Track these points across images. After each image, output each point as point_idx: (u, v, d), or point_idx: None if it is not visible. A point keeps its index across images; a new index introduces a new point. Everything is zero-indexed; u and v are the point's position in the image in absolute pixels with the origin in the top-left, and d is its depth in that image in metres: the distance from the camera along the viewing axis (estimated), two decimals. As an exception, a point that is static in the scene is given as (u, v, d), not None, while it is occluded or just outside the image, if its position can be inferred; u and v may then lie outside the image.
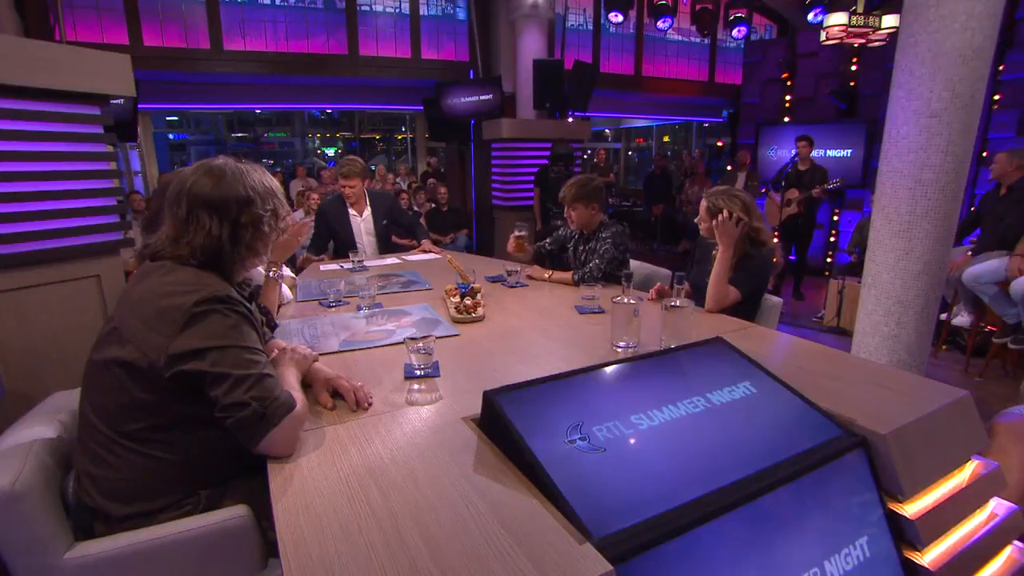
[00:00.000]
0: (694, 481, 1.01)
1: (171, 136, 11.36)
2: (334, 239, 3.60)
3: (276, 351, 1.39)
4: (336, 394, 1.33)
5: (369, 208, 3.63)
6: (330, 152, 13.01)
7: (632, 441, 1.07)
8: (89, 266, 2.46)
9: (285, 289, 2.27)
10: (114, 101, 2.87)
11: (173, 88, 7.16)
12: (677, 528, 0.91)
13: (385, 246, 3.68)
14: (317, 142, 13.09)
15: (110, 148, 2.62)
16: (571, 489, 0.93)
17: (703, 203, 2.22)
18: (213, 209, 1.19)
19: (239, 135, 12.16)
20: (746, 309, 2.20)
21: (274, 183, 1.32)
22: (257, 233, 1.25)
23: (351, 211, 3.58)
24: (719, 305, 2.10)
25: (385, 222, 3.66)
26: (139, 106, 5.83)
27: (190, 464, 1.18)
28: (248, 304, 1.23)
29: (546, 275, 2.69)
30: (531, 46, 6.94)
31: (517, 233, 2.71)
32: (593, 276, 2.50)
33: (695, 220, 2.34)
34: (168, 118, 10.82)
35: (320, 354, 1.64)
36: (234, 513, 1.15)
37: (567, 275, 2.62)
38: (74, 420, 1.36)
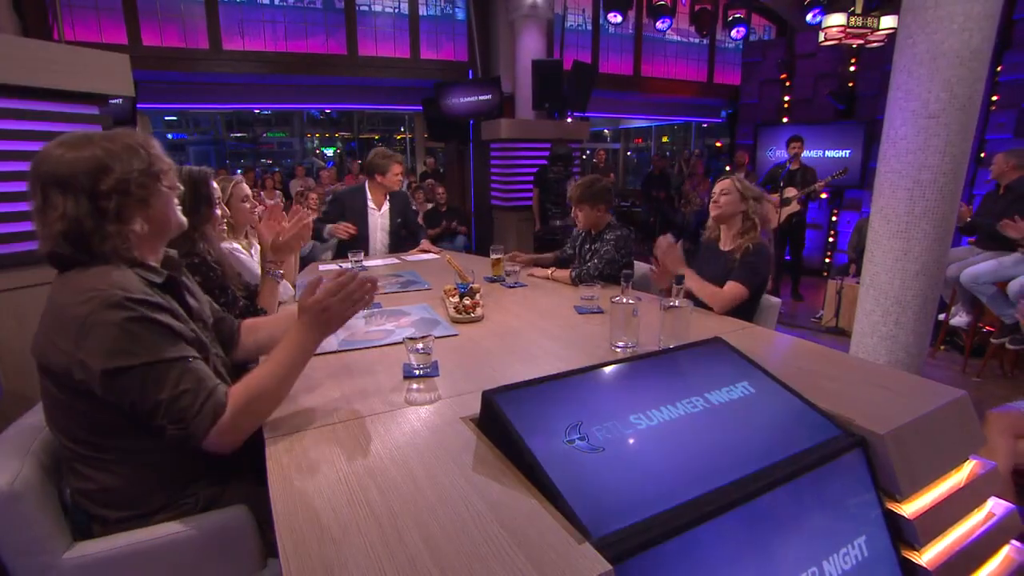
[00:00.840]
0: (693, 481, 1.01)
1: (170, 136, 11.35)
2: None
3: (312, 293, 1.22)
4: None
5: (388, 204, 3.55)
6: (329, 152, 13.01)
7: (631, 441, 1.08)
8: (88, 266, 2.46)
9: (287, 286, 2.26)
10: (113, 101, 2.87)
11: (172, 88, 7.15)
12: (676, 528, 0.91)
13: (396, 245, 3.60)
14: (316, 142, 13.09)
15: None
16: (570, 489, 0.93)
17: (726, 183, 2.28)
18: (63, 185, 1.03)
19: (238, 135, 12.15)
20: (746, 307, 2.20)
21: (150, 141, 1.14)
22: (127, 199, 1.07)
23: (371, 204, 3.48)
24: (724, 305, 2.09)
25: (399, 220, 3.60)
26: (138, 106, 5.83)
27: (164, 465, 1.14)
28: (170, 292, 1.14)
29: (548, 272, 2.72)
30: (530, 46, 6.95)
31: (493, 256, 2.72)
32: (589, 275, 2.51)
33: (710, 202, 2.36)
34: (167, 118, 10.81)
35: (319, 353, 1.65)
36: (233, 513, 1.15)
37: (567, 273, 2.63)
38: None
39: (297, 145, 12.71)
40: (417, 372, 1.46)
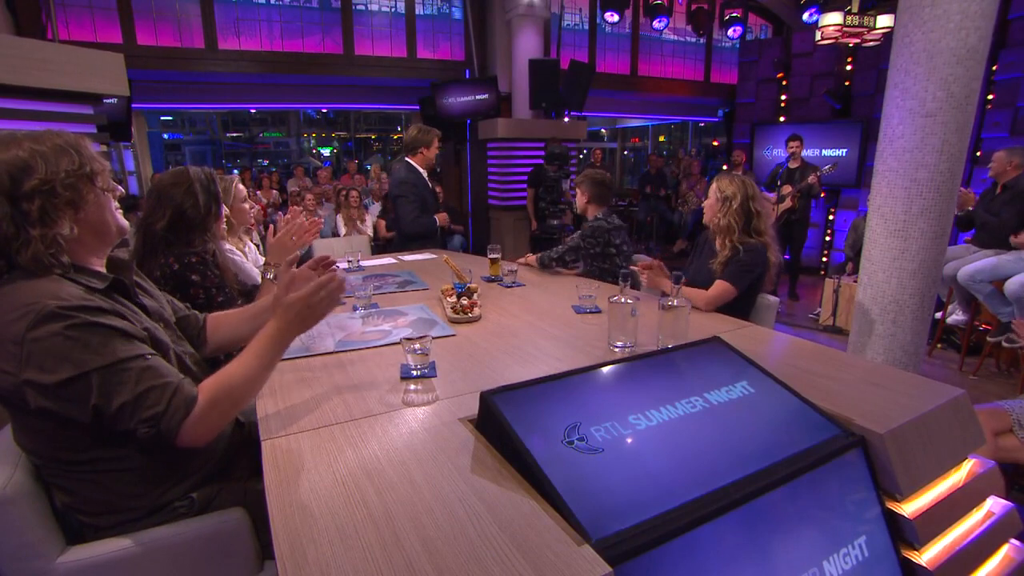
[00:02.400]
0: (692, 482, 1.00)
1: (166, 136, 11.31)
2: (427, 213, 3.58)
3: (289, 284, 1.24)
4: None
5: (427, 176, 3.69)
6: (325, 152, 12.99)
7: (630, 441, 1.07)
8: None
9: None
10: (107, 100, 2.85)
11: (167, 87, 7.11)
12: (676, 529, 0.91)
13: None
14: (312, 141, 13.07)
15: (104, 148, 2.60)
16: (569, 490, 0.93)
17: (712, 185, 2.31)
18: None
19: (234, 135, 12.12)
20: (741, 305, 2.20)
21: (80, 142, 1.09)
22: (53, 201, 1.00)
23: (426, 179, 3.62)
24: (709, 302, 2.14)
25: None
26: (133, 105, 5.80)
27: (143, 469, 1.12)
28: (118, 295, 1.10)
29: (527, 258, 2.97)
30: (527, 46, 6.93)
31: (490, 256, 2.73)
32: (549, 258, 2.78)
33: (702, 205, 2.39)
34: (163, 118, 10.78)
35: (316, 354, 1.64)
36: (229, 516, 1.14)
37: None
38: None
39: (293, 145, 12.68)
40: (415, 373, 1.45)
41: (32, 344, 0.94)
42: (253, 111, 11.37)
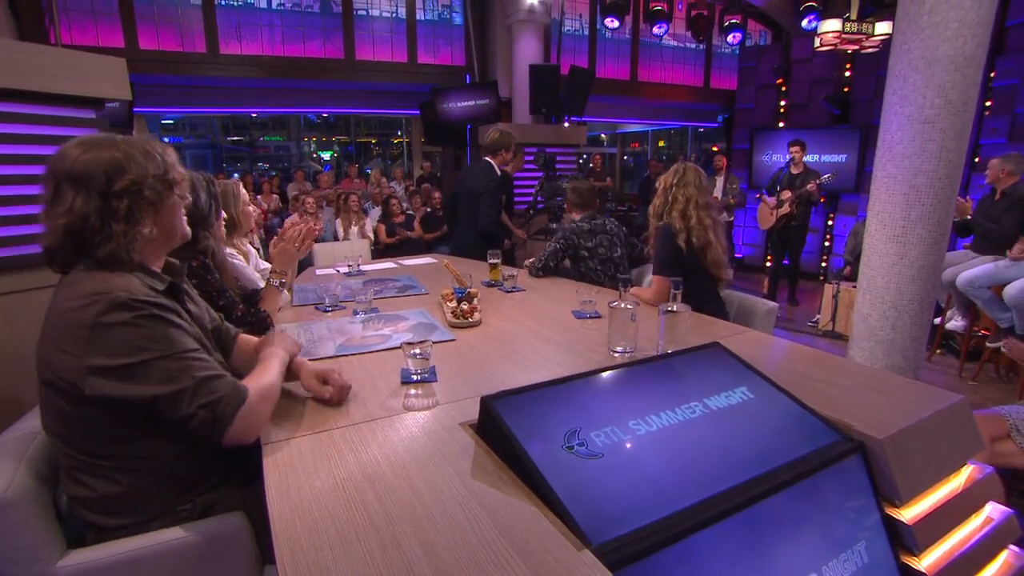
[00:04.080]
0: (692, 487, 1.01)
1: (167, 140, 11.33)
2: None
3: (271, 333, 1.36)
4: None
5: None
6: (325, 156, 13.01)
7: (630, 447, 1.07)
8: (83, 270, 2.45)
9: (284, 292, 2.26)
10: (110, 104, 2.86)
11: (169, 92, 7.14)
12: (675, 534, 0.91)
13: None
14: (313, 146, 13.08)
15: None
16: (569, 496, 0.93)
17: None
18: (78, 182, 1.04)
19: (235, 139, 12.14)
20: (697, 292, 2.23)
21: (167, 151, 1.18)
22: (139, 201, 1.08)
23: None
24: (652, 300, 2.27)
25: None
26: (134, 110, 5.82)
27: (167, 471, 1.15)
28: (173, 297, 1.15)
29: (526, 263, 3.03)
30: (527, 51, 6.97)
31: (491, 261, 2.74)
32: (535, 267, 2.85)
33: None
34: (163, 122, 10.79)
35: (316, 359, 1.64)
36: (229, 520, 1.14)
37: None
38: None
39: (294, 149, 12.70)
40: (415, 377, 1.45)
41: (101, 329, 0.99)
42: (254, 115, 11.39)
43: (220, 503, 1.19)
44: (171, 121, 11.15)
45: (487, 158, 3.68)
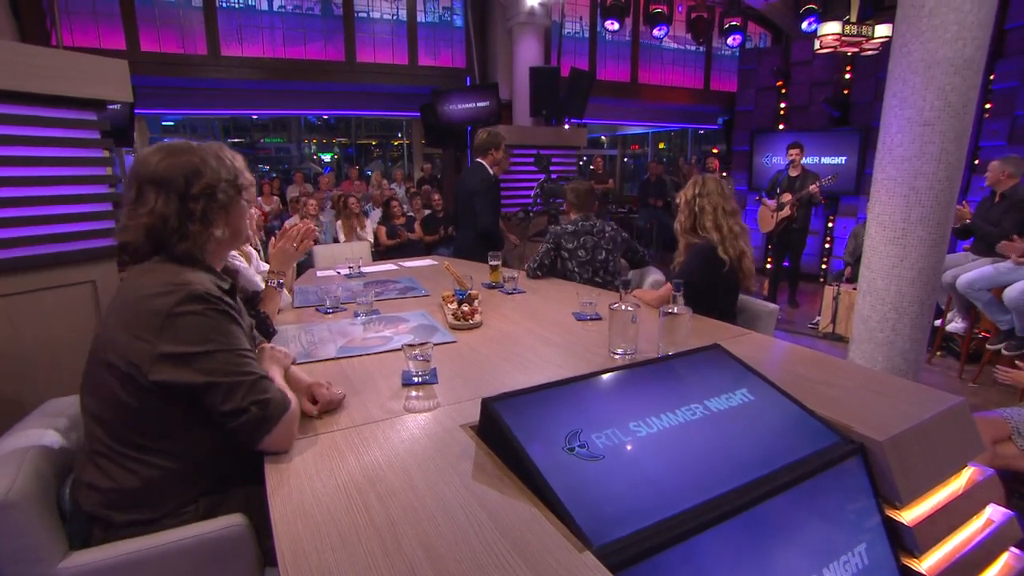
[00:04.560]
0: (693, 489, 1.01)
1: (166, 141, 11.34)
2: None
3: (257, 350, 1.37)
4: (315, 401, 1.31)
5: None
6: (326, 158, 13.02)
7: (631, 448, 1.07)
8: (84, 272, 2.45)
9: (284, 293, 2.26)
10: (111, 106, 2.87)
11: (170, 93, 7.16)
12: (676, 536, 0.91)
13: None
14: (313, 147, 13.10)
15: (106, 153, 2.62)
16: (570, 497, 0.93)
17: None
18: (159, 185, 1.13)
19: (235, 140, 12.14)
20: (719, 308, 2.20)
21: (236, 157, 1.26)
22: (212, 204, 1.17)
23: None
24: (652, 301, 2.28)
25: None
26: (135, 111, 5.83)
27: (190, 470, 1.17)
28: (231, 299, 1.20)
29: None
30: (528, 53, 6.98)
31: (491, 263, 2.74)
32: (531, 268, 2.89)
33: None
34: (164, 123, 10.80)
35: (317, 360, 1.65)
36: (231, 522, 1.14)
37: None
38: (70, 426, 1.36)
39: (294, 151, 12.71)
40: (416, 379, 1.45)
41: (175, 318, 1.06)
42: (255, 117, 11.41)
43: (222, 505, 1.19)
44: (171, 123, 11.16)
45: (478, 159, 3.71)
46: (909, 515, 1.14)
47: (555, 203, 5.43)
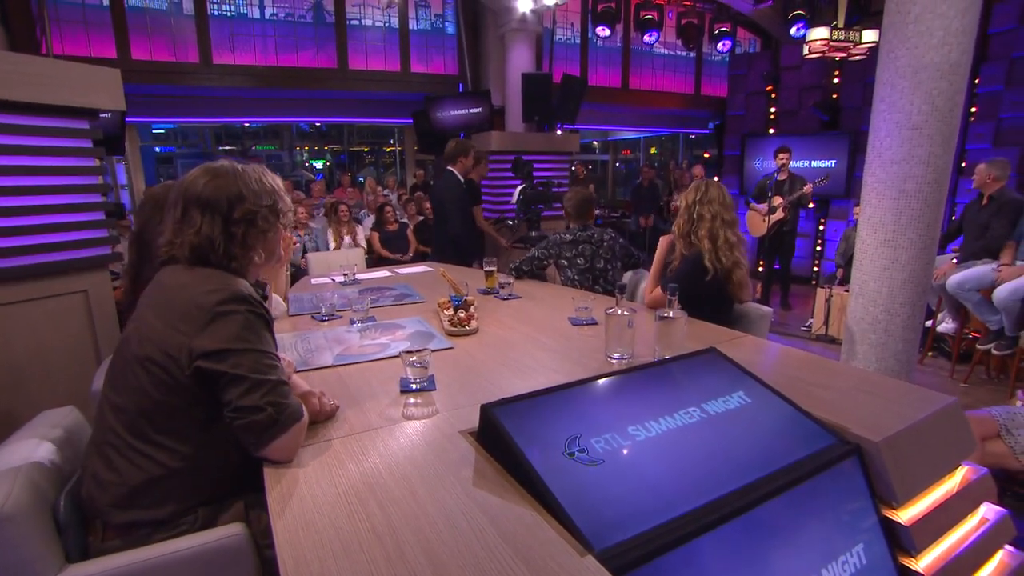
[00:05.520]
0: (692, 492, 1.02)
1: (158, 149, 11.28)
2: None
3: None
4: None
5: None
6: (318, 165, 12.99)
7: (630, 453, 1.08)
8: (76, 281, 2.43)
9: (278, 301, 2.25)
10: (102, 115, 2.85)
11: (162, 102, 7.13)
12: (677, 539, 0.92)
13: None
14: (305, 155, 13.06)
15: (98, 162, 2.61)
16: (571, 502, 0.94)
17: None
18: (204, 207, 1.19)
19: (227, 148, 12.09)
20: (711, 316, 2.19)
21: (276, 182, 1.32)
22: (252, 229, 1.23)
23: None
24: (649, 305, 2.33)
25: None
26: (126, 119, 5.80)
27: (194, 473, 1.17)
28: (264, 306, 1.23)
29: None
30: (520, 59, 7.01)
31: (486, 268, 2.75)
32: (519, 269, 2.95)
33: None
34: (155, 131, 10.74)
35: (314, 368, 1.64)
36: (230, 532, 1.13)
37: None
38: (65, 439, 1.35)
39: (286, 158, 12.67)
40: (414, 386, 1.45)
41: (218, 315, 1.11)
42: (247, 124, 11.37)
43: (221, 515, 1.19)
44: (162, 131, 11.11)
45: (448, 167, 3.83)
46: (905, 515, 1.15)
47: (536, 209, 5.43)
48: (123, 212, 5.96)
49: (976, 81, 5.79)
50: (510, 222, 5.90)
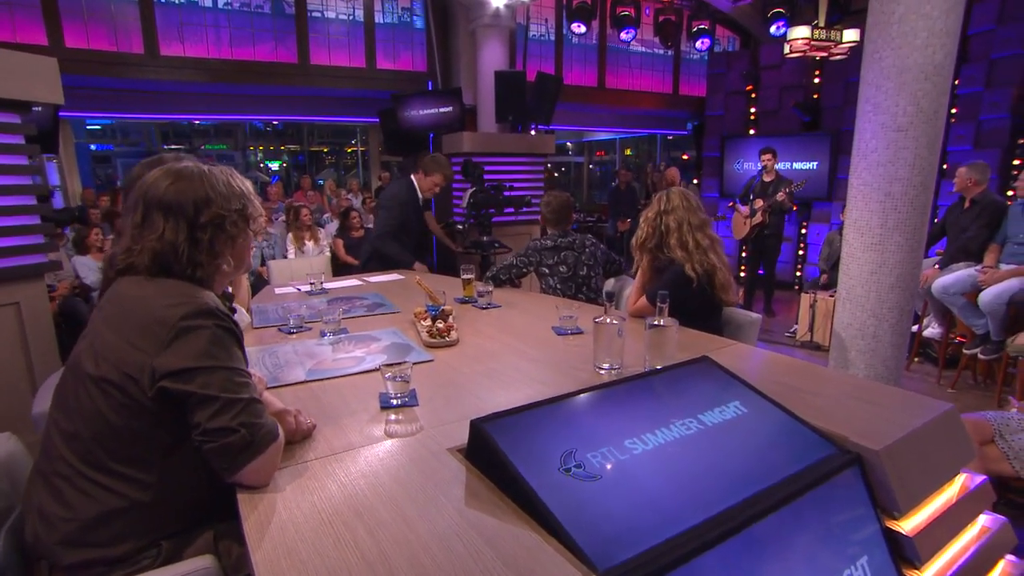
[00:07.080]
0: (693, 506, 1.03)
1: (93, 147, 10.92)
2: (405, 234, 3.79)
3: None
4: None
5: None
6: (274, 166, 12.78)
7: (628, 467, 1.09)
8: (7, 292, 2.34)
9: (241, 312, 2.20)
10: (34, 108, 2.76)
11: (101, 95, 6.91)
12: (681, 556, 0.93)
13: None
14: (260, 155, 12.84)
15: (31, 160, 2.52)
16: (571, 520, 0.94)
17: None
18: (168, 210, 1.16)
19: (173, 147, 11.80)
20: (702, 324, 2.24)
21: (246, 185, 1.30)
22: (219, 234, 1.21)
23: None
24: (632, 313, 2.37)
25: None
26: (60, 114, 5.60)
27: (156, 505, 1.13)
28: (233, 319, 1.20)
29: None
30: (492, 57, 7.05)
31: (464, 276, 2.75)
32: (497, 277, 2.96)
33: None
34: (89, 127, 10.40)
35: (285, 385, 1.61)
36: (198, 565, 1.10)
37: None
38: (2, 470, 1.28)
39: (239, 158, 12.42)
40: (395, 402, 1.44)
41: (183, 331, 1.08)
42: (197, 122, 11.12)
43: (187, 548, 1.15)
44: (98, 127, 10.76)
45: (413, 175, 3.87)
46: (908, 525, 1.19)
47: (486, 214, 5.44)
48: (72, 216, 5.76)
49: (956, 82, 6.08)
50: (460, 227, 5.90)
